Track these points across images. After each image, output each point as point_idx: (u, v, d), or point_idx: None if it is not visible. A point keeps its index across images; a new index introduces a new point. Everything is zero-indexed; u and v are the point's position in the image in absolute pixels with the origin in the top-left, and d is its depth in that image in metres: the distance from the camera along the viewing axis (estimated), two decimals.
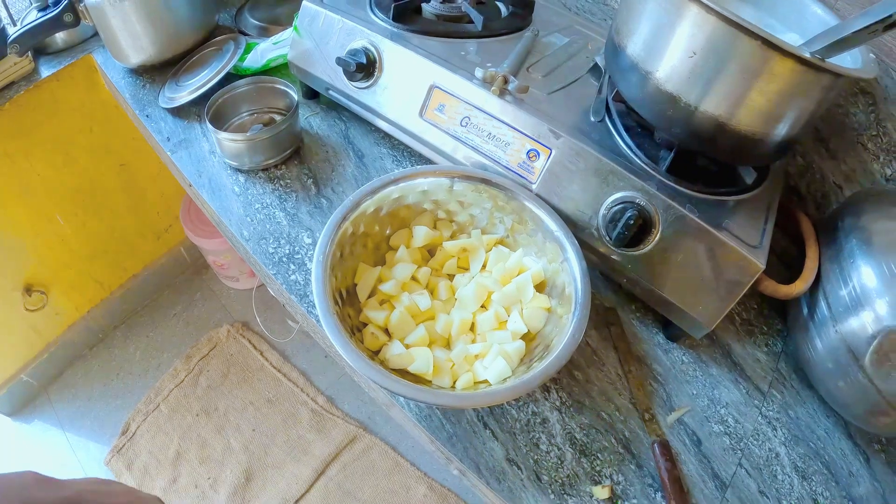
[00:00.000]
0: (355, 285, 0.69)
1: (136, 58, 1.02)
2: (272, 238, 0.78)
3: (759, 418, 0.67)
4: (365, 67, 0.79)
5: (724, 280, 0.62)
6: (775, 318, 0.77)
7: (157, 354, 1.56)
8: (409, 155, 0.87)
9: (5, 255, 1.32)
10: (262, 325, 1.58)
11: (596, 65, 0.82)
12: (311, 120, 0.92)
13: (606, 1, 0.95)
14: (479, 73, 0.72)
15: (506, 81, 0.72)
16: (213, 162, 0.87)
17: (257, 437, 1.43)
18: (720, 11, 0.54)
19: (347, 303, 0.67)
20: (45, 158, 1.26)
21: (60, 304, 1.49)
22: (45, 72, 1.17)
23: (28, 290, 1.41)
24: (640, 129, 0.72)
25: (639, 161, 0.68)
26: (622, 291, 0.76)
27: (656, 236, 0.65)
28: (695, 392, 0.68)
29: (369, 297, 0.69)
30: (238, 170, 0.85)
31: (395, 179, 0.70)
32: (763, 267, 0.61)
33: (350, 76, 0.81)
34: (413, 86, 0.77)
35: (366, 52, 0.79)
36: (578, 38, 0.88)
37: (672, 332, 0.72)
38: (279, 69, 1.00)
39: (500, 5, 0.91)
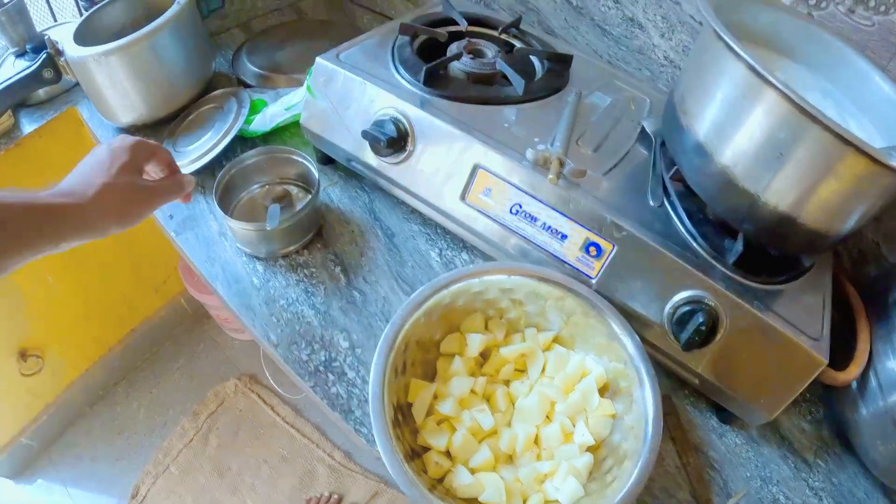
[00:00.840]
0: (409, 403, 0.61)
1: (127, 117, 0.91)
2: (304, 342, 0.68)
3: (807, 491, 0.63)
4: (396, 142, 0.69)
5: (787, 373, 0.58)
6: (816, 383, 0.71)
7: (163, 411, 1.46)
8: (443, 233, 0.78)
9: None
10: (270, 378, 1.48)
11: (643, 130, 0.74)
12: (329, 191, 0.82)
13: (642, 50, 0.86)
14: (530, 154, 0.63)
15: (561, 164, 0.63)
16: (224, 246, 0.77)
17: (275, 496, 1.34)
18: (827, 123, 0.47)
19: (402, 423, 0.59)
20: None
21: (57, 364, 1.38)
22: (27, 127, 1.06)
23: (23, 355, 1.31)
24: (701, 214, 0.64)
25: (703, 253, 0.61)
26: (675, 376, 0.69)
27: (722, 335, 0.59)
28: (748, 474, 0.63)
29: (426, 415, 0.61)
30: (255, 257, 0.76)
31: (445, 284, 0.62)
32: (826, 361, 0.56)
33: (379, 151, 0.71)
34: (453, 164, 0.68)
35: (395, 123, 0.69)
36: (620, 96, 0.78)
37: (726, 415, 0.67)
38: (288, 128, 0.90)
39: (535, 60, 0.81)
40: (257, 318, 0.70)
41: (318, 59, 0.75)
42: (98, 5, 0.94)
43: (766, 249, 0.62)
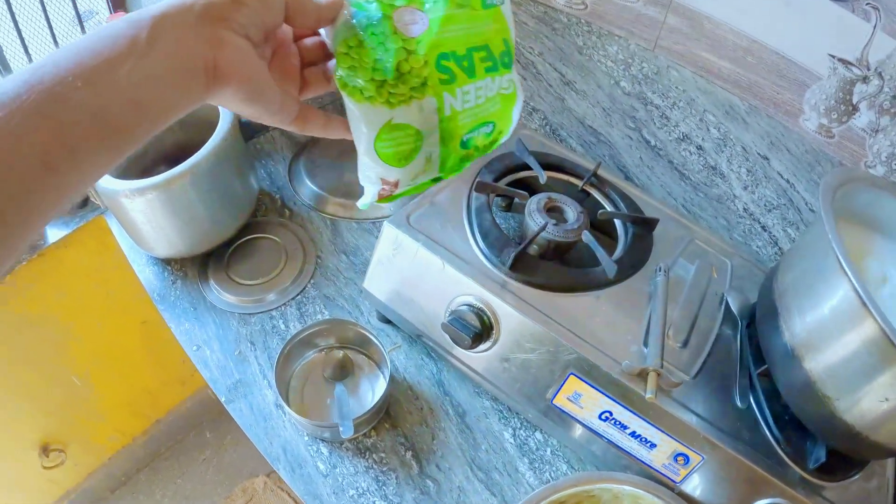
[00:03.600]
0: None
1: (163, 251, 0.86)
2: None
3: None
4: (480, 337, 0.65)
5: None
6: None
7: None
8: (515, 412, 0.74)
9: (19, 419, 1.18)
10: None
11: (728, 307, 0.70)
12: (393, 357, 0.78)
13: (721, 200, 0.82)
14: (626, 366, 0.60)
15: (659, 376, 0.59)
16: (283, 421, 0.73)
17: None
18: None
19: None
20: (57, 327, 1.11)
21: (79, 456, 1.35)
22: (52, 236, 1.02)
23: (45, 449, 1.27)
24: (786, 415, 0.62)
25: (785, 457, 0.60)
26: None
27: None
28: None
29: None
30: (318, 438, 0.72)
31: (539, 499, 0.59)
32: None
33: (462, 346, 0.67)
34: (540, 364, 0.64)
35: (479, 314, 0.65)
36: (702, 262, 0.74)
37: None
38: None
39: (618, 224, 0.77)
40: None
41: (387, 225, 0.71)
42: None
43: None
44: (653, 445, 0.62)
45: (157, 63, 0.30)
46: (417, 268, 0.69)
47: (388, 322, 0.80)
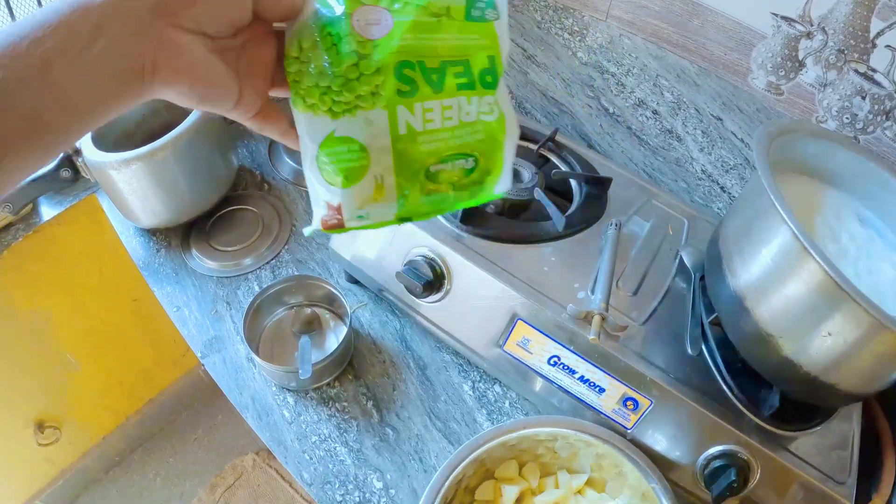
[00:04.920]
0: None
1: (148, 221, 0.90)
2: (337, 482, 0.68)
3: None
4: (432, 285, 0.68)
5: None
6: None
7: (179, 483, 1.46)
8: (475, 365, 0.77)
9: (15, 396, 1.21)
10: None
11: (682, 262, 0.73)
12: (359, 314, 0.82)
13: (680, 163, 0.85)
14: (571, 310, 0.63)
15: (603, 320, 0.62)
16: (253, 374, 0.77)
17: None
18: (864, 304, 0.47)
19: None
20: (52, 304, 1.15)
21: (74, 434, 1.39)
22: (46, 213, 1.06)
23: (40, 426, 1.31)
24: (739, 363, 0.64)
25: (739, 405, 0.62)
26: None
27: (752, 484, 0.59)
28: None
29: None
30: (285, 388, 0.75)
31: (483, 443, 0.62)
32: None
33: (414, 294, 0.70)
34: (490, 311, 0.67)
35: (431, 264, 0.69)
36: (657, 219, 0.77)
37: None
38: None
39: (573, 183, 0.80)
40: (290, 454, 0.70)
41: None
42: None
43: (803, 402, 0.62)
44: (601, 390, 0.64)
45: (96, 62, 0.28)
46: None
47: (356, 282, 0.83)
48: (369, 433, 0.72)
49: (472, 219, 0.71)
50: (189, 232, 0.93)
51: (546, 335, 0.64)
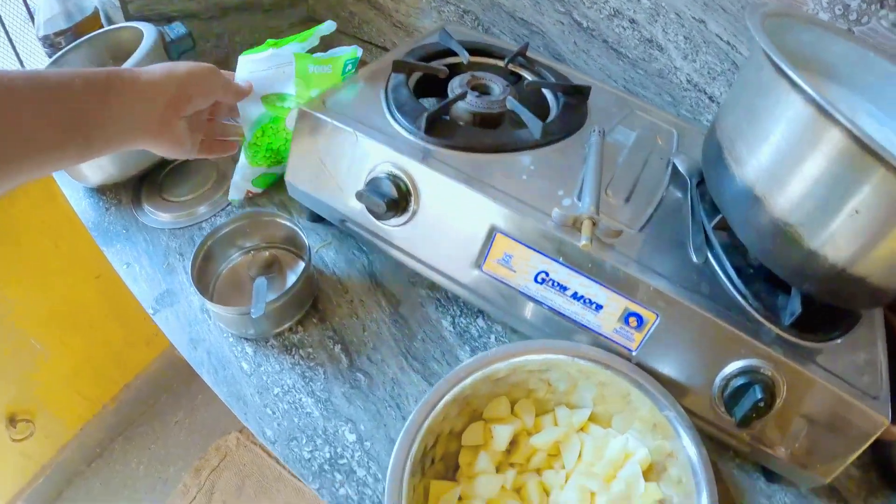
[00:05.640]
0: None
1: (96, 177, 0.78)
2: (305, 437, 0.56)
3: None
4: (397, 204, 0.57)
5: (846, 436, 0.49)
6: None
7: (163, 469, 1.33)
8: (455, 297, 0.66)
9: None
10: None
11: (675, 169, 0.62)
12: (323, 254, 0.70)
13: (662, 74, 0.74)
14: (556, 215, 0.51)
15: (594, 225, 0.51)
16: (208, 325, 0.65)
17: None
18: None
19: None
20: (9, 285, 1.02)
21: (50, 427, 1.26)
22: None
23: (12, 420, 1.18)
24: (750, 268, 0.54)
25: (755, 314, 0.51)
26: (719, 441, 0.57)
27: (779, 404, 0.49)
28: None
29: None
30: (242, 337, 0.63)
31: (466, 375, 0.50)
32: (889, 420, 0.47)
33: (377, 216, 0.59)
34: (465, 227, 0.56)
35: (394, 180, 0.57)
36: (644, 129, 0.66)
37: (772, 474, 0.56)
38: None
39: (547, 94, 0.69)
40: (250, 410, 0.58)
41: (301, 108, 0.63)
42: (62, 51, 0.81)
43: (822, 305, 0.51)
44: (598, 307, 0.53)
45: (132, 121, 0.48)
46: (333, 147, 0.61)
47: (319, 220, 0.71)
48: (338, 380, 0.60)
49: (439, 129, 0.59)
50: (140, 188, 0.81)
51: (530, 248, 0.53)
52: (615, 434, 0.54)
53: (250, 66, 0.65)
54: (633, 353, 0.53)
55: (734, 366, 0.49)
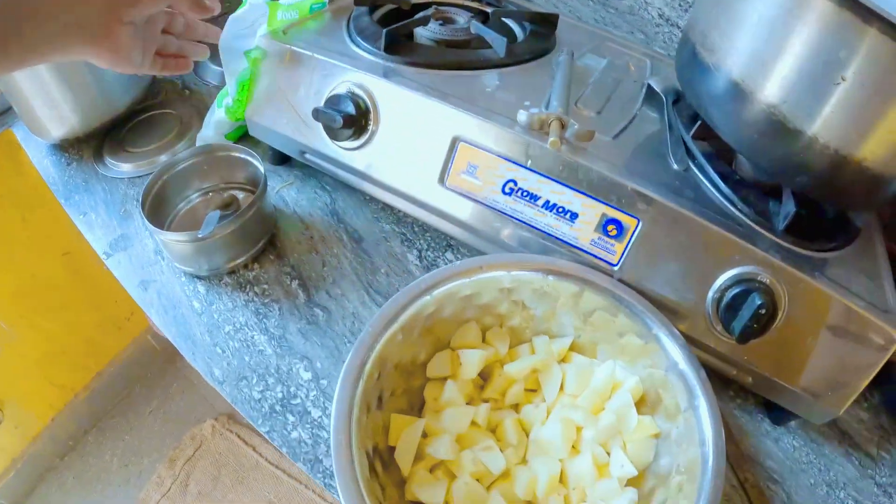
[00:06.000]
0: (391, 447, 0.43)
1: (58, 130, 0.74)
2: (256, 377, 0.50)
3: (875, 489, 0.50)
4: (354, 120, 0.52)
5: (857, 355, 0.44)
6: None
7: (137, 460, 1.25)
8: (422, 231, 0.60)
9: None
10: None
11: (650, 89, 0.57)
12: (284, 194, 0.65)
13: (633, 11, 0.70)
14: (522, 116, 0.46)
15: (563, 126, 0.46)
16: (161, 267, 0.59)
17: None
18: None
19: (383, 474, 0.41)
20: None
21: (19, 416, 1.18)
22: None
23: None
24: (736, 175, 0.49)
25: (746, 220, 0.46)
26: (717, 374, 0.51)
27: (782, 319, 0.44)
28: (812, 482, 0.50)
29: (415, 462, 0.42)
30: (196, 276, 0.57)
31: (426, 289, 0.44)
32: None
33: (334, 134, 0.54)
34: (427, 140, 0.51)
35: (353, 97, 0.52)
36: (615, 57, 0.63)
37: (779, 415, 0.51)
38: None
39: (512, 24, 0.65)
40: (198, 349, 0.53)
41: (260, 38, 0.58)
42: None
43: (819, 208, 0.49)
44: (574, 216, 0.48)
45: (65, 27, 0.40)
46: (292, 73, 0.57)
47: (283, 162, 0.66)
48: (294, 316, 0.54)
49: (400, 48, 0.55)
50: (103, 143, 0.76)
51: (494, 154, 0.48)
52: (601, 363, 0.48)
53: (234, 26, 0.62)
54: (615, 268, 0.48)
55: (728, 274, 0.44)
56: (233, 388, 0.50)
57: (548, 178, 0.47)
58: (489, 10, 0.68)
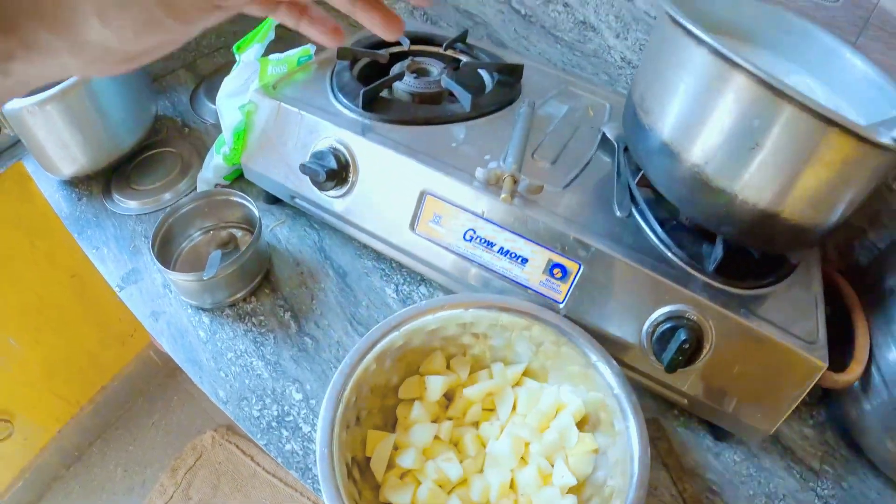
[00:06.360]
0: (368, 458, 0.53)
1: (68, 169, 0.83)
2: (255, 397, 0.60)
3: (816, 501, 0.56)
4: (336, 173, 0.62)
5: (784, 383, 0.51)
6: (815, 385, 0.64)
7: (141, 470, 1.35)
8: (398, 268, 0.70)
9: None
10: None
11: (605, 137, 0.67)
12: (277, 231, 0.74)
13: (598, 54, 0.80)
14: (480, 173, 0.56)
15: (515, 182, 0.56)
16: (169, 299, 0.69)
17: None
18: (805, 101, 0.40)
19: (361, 481, 0.51)
20: None
21: (28, 428, 1.28)
22: None
23: None
24: (674, 220, 0.58)
25: (680, 262, 0.54)
26: (662, 397, 0.60)
27: (709, 351, 0.52)
28: (752, 492, 0.56)
29: (387, 470, 0.52)
30: (200, 308, 0.67)
31: (395, 325, 0.54)
32: (826, 365, 0.49)
33: (319, 185, 0.64)
34: (399, 192, 0.61)
35: (335, 153, 0.62)
36: (576, 103, 0.72)
37: (721, 432, 0.59)
38: None
39: (483, 73, 0.75)
40: (205, 373, 0.62)
41: (252, 93, 0.68)
42: None
43: (749, 251, 0.56)
44: (524, 261, 0.57)
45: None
46: (281, 127, 0.66)
47: (275, 202, 0.76)
48: (287, 344, 0.64)
49: (377, 106, 0.64)
50: (110, 179, 0.86)
51: (456, 206, 0.58)
52: (549, 387, 0.58)
53: (230, 87, 0.72)
54: (561, 305, 0.56)
55: (660, 311, 0.52)
56: (235, 407, 0.60)
57: (502, 227, 0.56)
58: (463, 58, 0.78)
